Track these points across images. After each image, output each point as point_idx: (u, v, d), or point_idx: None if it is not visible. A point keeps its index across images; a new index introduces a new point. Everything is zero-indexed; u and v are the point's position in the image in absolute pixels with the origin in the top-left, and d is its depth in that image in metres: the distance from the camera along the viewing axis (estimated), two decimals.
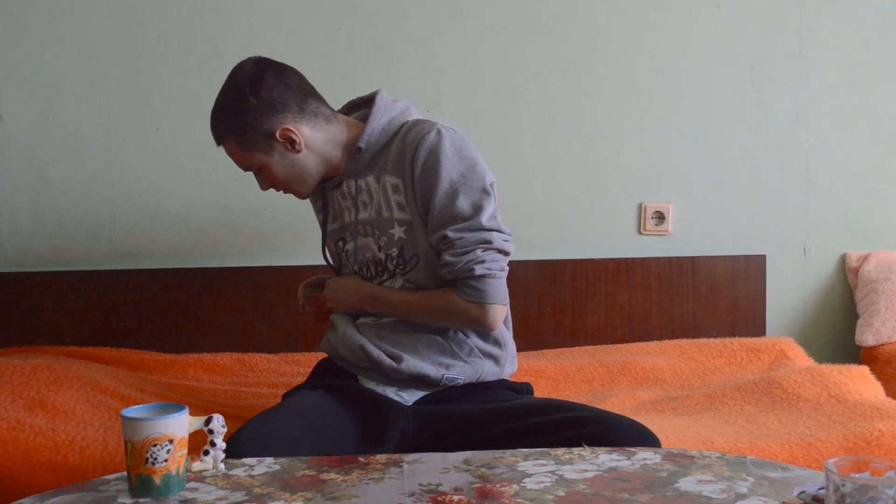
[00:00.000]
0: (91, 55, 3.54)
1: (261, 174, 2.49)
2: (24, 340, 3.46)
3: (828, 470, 1.44)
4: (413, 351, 2.41)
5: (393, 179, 2.40)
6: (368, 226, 2.45)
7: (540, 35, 3.58)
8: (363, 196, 2.46)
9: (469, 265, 2.32)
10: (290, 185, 2.50)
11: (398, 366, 2.38)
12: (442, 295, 2.39)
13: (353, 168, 2.47)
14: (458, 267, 2.33)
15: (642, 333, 3.60)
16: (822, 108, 3.65)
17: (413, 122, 2.44)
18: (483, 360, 2.44)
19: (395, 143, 2.43)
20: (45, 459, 2.55)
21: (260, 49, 3.54)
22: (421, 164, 2.34)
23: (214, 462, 1.85)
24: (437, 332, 2.43)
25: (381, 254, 2.45)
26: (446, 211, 2.33)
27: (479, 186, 2.34)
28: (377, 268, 2.47)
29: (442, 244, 2.35)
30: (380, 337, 2.44)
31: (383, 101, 2.48)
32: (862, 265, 3.62)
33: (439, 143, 2.33)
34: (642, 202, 3.65)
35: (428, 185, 2.34)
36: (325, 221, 2.62)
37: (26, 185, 3.57)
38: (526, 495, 1.72)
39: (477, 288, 2.34)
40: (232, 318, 3.54)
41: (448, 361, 2.41)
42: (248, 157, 2.46)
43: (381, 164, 2.44)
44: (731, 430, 2.68)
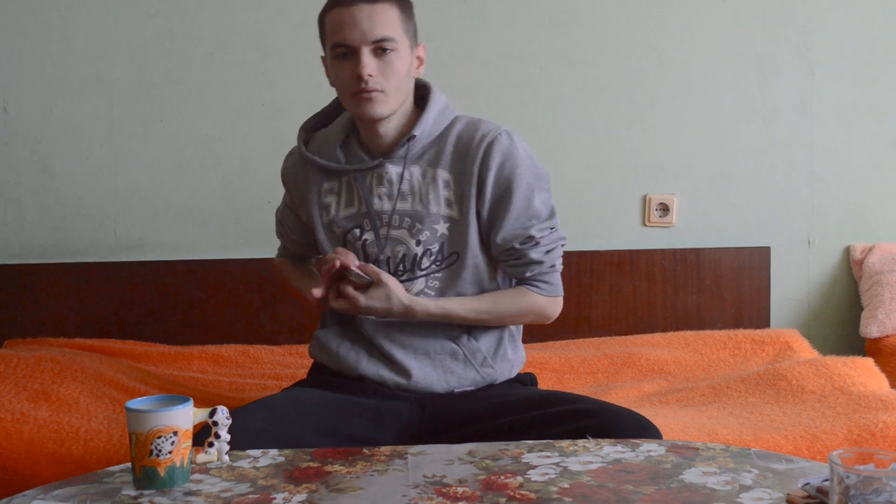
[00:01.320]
0: (96, 48, 3.54)
1: (382, 56, 2.29)
2: (29, 332, 3.47)
3: (832, 462, 1.44)
4: (423, 355, 2.38)
5: (445, 175, 2.37)
6: (408, 217, 2.38)
7: (545, 28, 3.58)
8: (405, 185, 2.38)
9: (553, 262, 2.41)
10: (392, 87, 2.31)
11: (407, 383, 2.36)
12: (520, 295, 2.40)
13: (400, 154, 2.38)
14: (546, 265, 2.39)
15: (647, 325, 3.60)
16: (827, 101, 3.64)
17: (469, 121, 2.42)
18: (495, 369, 2.42)
19: (450, 138, 2.39)
20: (50, 451, 2.56)
21: (265, 43, 3.56)
22: (496, 166, 2.34)
23: (219, 454, 1.85)
24: (450, 338, 2.39)
25: (419, 248, 2.38)
26: (525, 212, 2.37)
27: (547, 186, 2.42)
28: (406, 264, 2.39)
29: (525, 243, 2.37)
30: (389, 337, 2.39)
31: (437, 93, 2.44)
32: (866, 257, 3.62)
33: (512, 146, 2.36)
34: (647, 194, 3.65)
35: (504, 187, 2.35)
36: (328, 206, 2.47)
37: (31, 178, 3.57)
38: (530, 487, 1.72)
39: (552, 283, 2.43)
40: (236, 310, 3.55)
41: (460, 371, 2.39)
42: (395, 27, 2.30)
43: (431, 157, 2.39)
44: (736, 422, 2.68)
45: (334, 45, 2.32)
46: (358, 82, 2.29)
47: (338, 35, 2.30)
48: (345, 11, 2.29)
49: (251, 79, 3.57)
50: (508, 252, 2.38)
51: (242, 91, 3.57)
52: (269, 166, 3.56)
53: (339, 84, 2.36)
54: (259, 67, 3.57)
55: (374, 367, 2.38)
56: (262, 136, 3.57)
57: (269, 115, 3.57)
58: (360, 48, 2.27)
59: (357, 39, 2.27)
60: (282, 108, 3.57)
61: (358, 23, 2.27)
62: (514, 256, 2.38)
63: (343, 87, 2.35)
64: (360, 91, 2.29)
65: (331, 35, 2.33)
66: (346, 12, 2.28)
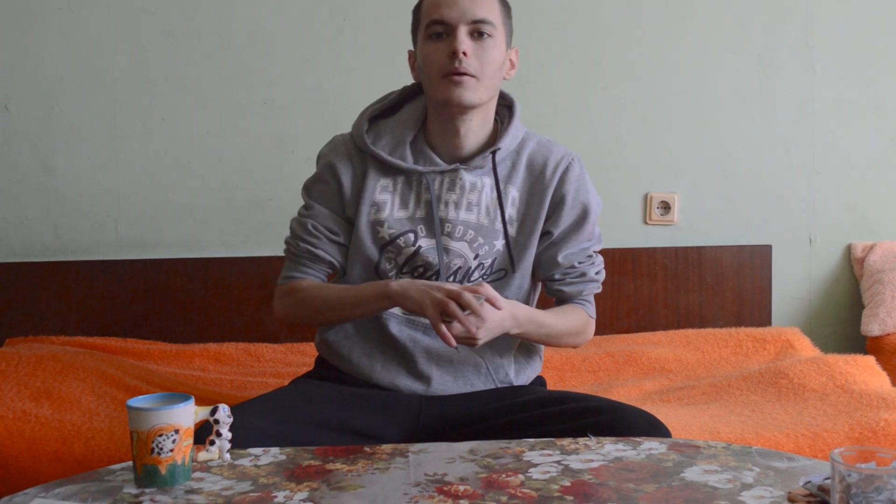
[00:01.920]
0: (96, 46, 3.54)
1: (478, 40, 2.24)
2: (30, 331, 3.47)
3: (834, 460, 1.44)
4: (447, 364, 2.35)
5: (515, 192, 2.36)
6: (472, 230, 2.33)
7: (546, 26, 3.58)
8: (473, 196, 2.33)
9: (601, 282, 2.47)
10: (486, 75, 2.25)
11: (424, 390, 2.33)
12: (577, 313, 2.42)
13: (478, 163, 2.32)
14: (598, 283, 2.46)
15: (648, 323, 3.60)
16: (828, 99, 3.64)
17: (540, 141, 2.42)
18: (513, 383, 2.41)
19: (523, 156, 2.38)
20: (51, 450, 2.56)
21: (265, 41, 3.56)
22: (573, 190, 2.38)
23: (220, 452, 1.85)
24: (477, 351, 2.35)
25: (475, 262, 2.35)
26: (586, 234, 2.41)
27: (599, 212, 2.46)
28: (458, 276, 2.34)
29: (584, 262, 2.42)
30: (414, 341, 2.34)
31: (518, 107, 2.42)
32: (868, 255, 3.61)
33: (584, 172, 2.42)
34: (648, 192, 3.64)
35: (580, 210, 2.39)
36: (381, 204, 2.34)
37: (32, 176, 3.57)
38: (532, 485, 1.72)
39: (593, 303, 2.48)
40: (238, 308, 3.55)
41: (479, 384, 2.37)
42: (496, 15, 2.27)
43: (505, 172, 2.36)
44: (737, 420, 2.68)
45: (430, 22, 2.24)
46: (452, 61, 2.21)
47: (435, 13, 2.24)
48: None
49: (252, 77, 3.57)
50: (568, 270, 2.40)
51: (243, 89, 3.57)
52: (270, 164, 3.58)
53: (428, 67, 2.27)
54: (260, 66, 3.57)
55: (389, 376, 2.35)
56: (263, 134, 3.57)
57: (269, 114, 3.57)
58: (458, 27, 2.22)
59: (455, 17, 2.22)
60: (282, 106, 3.57)
61: (458, 3, 2.22)
62: (573, 274, 2.41)
63: (433, 69, 2.25)
64: (452, 72, 2.22)
65: (427, 15, 2.26)
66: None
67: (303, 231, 2.39)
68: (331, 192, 2.38)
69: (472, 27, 2.22)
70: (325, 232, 2.37)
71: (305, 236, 2.39)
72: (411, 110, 2.39)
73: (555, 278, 2.41)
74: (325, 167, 2.39)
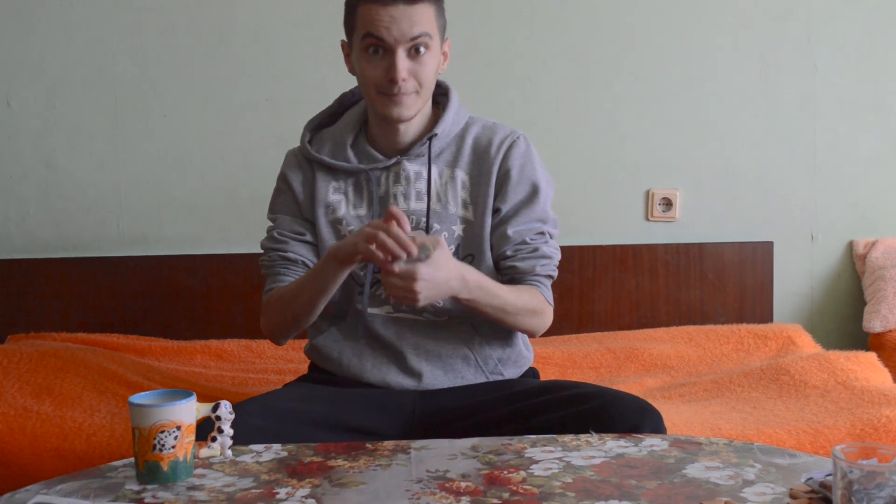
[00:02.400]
0: (99, 43, 3.54)
1: (416, 57, 2.23)
2: (32, 327, 3.47)
3: (835, 456, 1.44)
4: (436, 358, 2.35)
5: (463, 175, 2.36)
6: (425, 218, 2.33)
7: (548, 23, 3.58)
8: (420, 185, 2.35)
9: (556, 265, 2.41)
10: (424, 88, 2.27)
11: (416, 385, 2.33)
12: (533, 292, 2.34)
13: (418, 151, 2.34)
14: (553, 263, 2.39)
15: (649, 320, 3.60)
16: (830, 97, 3.64)
17: (485, 123, 2.42)
18: (504, 374, 2.41)
19: (467, 140, 2.38)
20: (53, 446, 2.56)
21: (266, 39, 3.56)
22: (519, 165, 2.36)
23: (222, 449, 1.85)
24: (463, 342, 2.36)
25: None
26: (542, 213, 2.38)
27: (552, 196, 2.43)
28: None
29: (536, 238, 2.37)
30: (401, 338, 2.35)
31: (454, 93, 2.42)
32: (869, 252, 3.61)
33: (530, 149, 2.40)
34: (650, 189, 3.64)
35: (527, 186, 2.37)
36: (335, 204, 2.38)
37: (34, 173, 3.57)
38: (533, 482, 1.73)
39: (549, 288, 2.40)
40: (239, 304, 3.55)
41: (470, 377, 2.36)
42: (432, 25, 2.24)
43: (450, 157, 2.37)
44: (739, 417, 2.68)
45: (366, 35, 2.23)
46: (391, 85, 2.23)
47: (372, 27, 2.21)
48: (381, 9, 2.20)
49: (254, 74, 3.57)
50: (520, 245, 2.35)
51: (245, 86, 3.57)
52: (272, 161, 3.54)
53: (364, 79, 2.28)
54: (262, 63, 3.57)
55: (380, 374, 2.35)
56: (265, 131, 3.57)
57: (271, 111, 3.57)
58: (396, 48, 2.21)
59: (393, 39, 2.20)
60: (285, 103, 3.56)
61: (396, 22, 2.20)
62: (526, 250, 2.35)
63: (370, 84, 2.27)
64: (391, 94, 2.24)
65: (363, 25, 2.23)
66: (384, 10, 2.20)
67: (270, 242, 2.42)
68: (287, 199, 2.43)
69: (409, 45, 2.22)
70: (290, 235, 2.40)
71: (273, 245, 2.41)
72: (350, 116, 2.45)
73: (507, 255, 2.35)
74: (279, 179, 2.47)
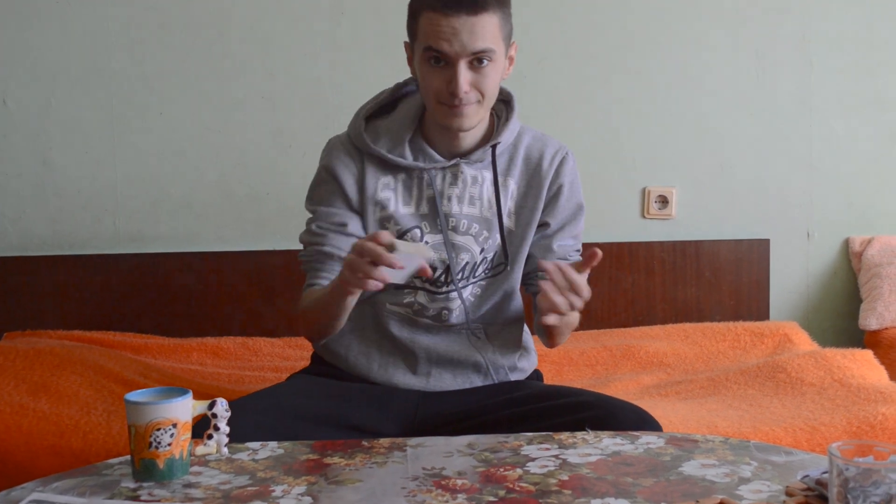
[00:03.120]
0: (95, 40, 3.54)
1: (479, 68, 2.17)
2: (28, 325, 3.46)
3: (831, 454, 1.44)
4: (447, 363, 2.35)
5: (513, 185, 2.35)
6: (476, 223, 2.31)
7: (544, 20, 3.58)
8: (473, 190, 2.31)
9: None
10: (486, 99, 2.21)
11: (424, 386, 2.33)
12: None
13: (478, 157, 2.30)
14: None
15: (646, 318, 3.60)
16: (826, 94, 3.64)
17: (535, 134, 2.41)
18: (510, 380, 2.41)
19: (520, 149, 2.37)
20: (49, 444, 2.56)
21: (263, 35, 3.56)
22: (569, 182, 2.38)
23: (218, 446, 1.85)
24: (478, 350, 2.36)
25: (480, 256, 2.32)
26: (578, 228, 2.42)
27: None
28: (466, 271, 2.32)
29: (575, 255, 2.39)
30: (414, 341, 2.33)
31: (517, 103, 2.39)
32: (865, 249, 3.62)
33: (575, 167, 2.42)
34: (646, 186, 3.64)
35: (575, 203, 2.39)
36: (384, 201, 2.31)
37: (30, 170, 3.57)
38: (530, 479, 1.72)
39: None
40: (235, 302, 3.55)
41: (478, 383, 2.36)
42: (496, 37, 2.17)
43: (504, 165, 2.35)
44: (735, 415, 2.68)
45: (428, 48, 2.15)
46: (452, 97, 2.17)
47: (433, 41, 2.14)
48: (443, 20, 2.13)
49: (250, 71, 3.57)
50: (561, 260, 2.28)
51: (242, 83, 3.57)
52: (269, 158, 3.58)
53: (426, 88, 2.21)
54: (258, 59, 3.57)
55: (386, 374, 2.34)
56: (262, 128, 3.57)
57: (268, 108, 3.57)
58: (458, 61, 2.14)
59: (455, 52, 2.13)
60: (281, 100, 3.56)
61: (458, 35, 2.12)
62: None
63: (430, 93, 2.20)
64: (452, 105, 2.18)
65: (424, 37, 2.17)
66: (446, 21, 2.13)
67: (309, 236, 2.34)
68: (331, 189, 2.32)
69: (472, 58, 2.15)
70: (329, 227, 2.30)
71: (311, 238, 2.33)
72: (407, 108, 2.35)
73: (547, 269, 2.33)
74: (323, 171, 2.35)
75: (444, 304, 2.33)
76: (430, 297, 2.32)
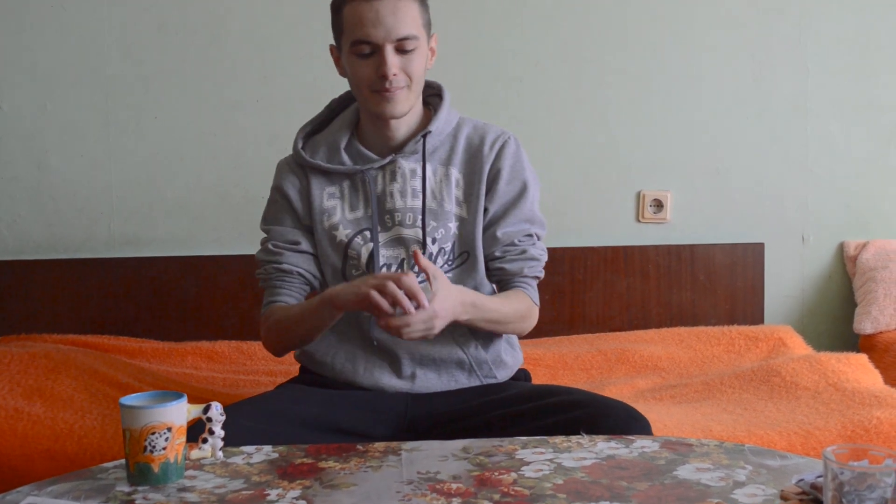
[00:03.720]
0: (90, 43, 3.54)
1: (404, 54, 2.25)
2: (23, 328, 3.46)
3: (826, 458, 1.44)
4: (430, 362, 2.36)
5: (457, 173, 2.37)
6: (421, 215, 2.35)
7: (540, 23, 3.58)
8: (415, 182, 2.35)
9: (543, 266, 2.43)
10: (414, 84, 2.29)
11: (409, 388, 2.35)
12: (520, 297, 2.37)
13: (412, 149, 2.35)
14: (540, 264, 2.41)
15: (640, 321, 3.60)
16: (822, 97, 3.64)
17: (476, 123, 2.43)
18: (497, 377, 2.41)
19: (460, 138, 2.39)
20: (44, 448, 2.56)
21: (260, 38, 3.56)
22: (509, 165, 2.38)
23: (213, 450, 1.85)
24: (459, 346, 2.37)
25: (434, 247, 2.34)
26: (530, 214, 2.40)
27: (538, 196, 2.45)
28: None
29: (524, 240, 2.39)
30: (396, 342, 2.33)
31: (446, 91, 2.43)
32: (860, 253, 3.62)
33: (520, 150, 2.41)
34: (641, 190, 3.65)
35: (517, 186, 2.39)
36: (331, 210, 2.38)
37: (25, 173, 3.57)
38: (524, 483, 1.73)
39: (535, 289, 2.42)
40: (230, 305, 3.55)
41: (463, 380, 2.38)
42: (417, 24, 2.25)
43: (444, 155, 2.38)
44: (730, 419, 2.68)
45: (355, 41, 2.24)
46: (382, 81, 2.24)
47: (359, 31, 2.23)
48: (367, 6, 2.22)
49: (246, 74, 3.57)
50: (508, 247, 2.37)
51: (237, 86, 3.57)
52: (265, 162, 3.55)
53: (356, 80, 2.30)
54: (254, 62, 3.57)
55: (372, 378, 2.35)
56: (257, 131, 3.57)
57: (264, 111, 3.57)
58: (384, 46, 2.23)
59: (381, 37, 2.22)
60: (277, 103, 3.56)
61: (382, 19, 2.22)
62: (514, 252, 2.37)
63: (362, 84, 2.29)
64: (382, 90, 2.25)
65: (350, 30, 2.25)
66: (369, 7, 2.22)
67: (265, 255, 2.43)
68: (282, 209, 2.43)
69: (397, 44, 2.23)
70: (285, 245, 2.40)
71: (268, 257, 2.42)
72: (343, 118, 2.45)
73: (495, 256, 2.38)
74: (273, 191, 2.47)
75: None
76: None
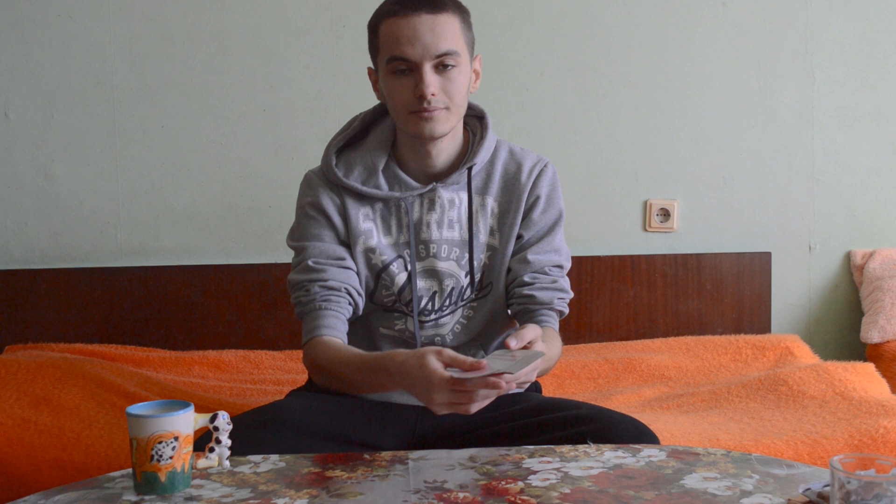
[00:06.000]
0: (96, 53, 3.54)
1: (444, 73, 2.16)
2: (30, 338, 3.47)
3: (833, 467, 1.44)
4: None
5: (492, 203, 2.32)
6: (456, 247, 2.30)
7: (546, 32, 3.58)
8: (453, 213, 2.29)
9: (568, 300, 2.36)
10: (455, 105, 2.19)
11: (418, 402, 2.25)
12: (555, 337, 2.26)
13: (455, 180, 2.28)
14: (568, 298, 2.35)
15: (647, 331, 3.60)
16: (828, 106, 3.64)
17: (512, 149, 2.37)
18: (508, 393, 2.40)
19: (497, 166, 2.33)
20: (51, 457, 2.56)
21: (265, 47, 3.57)
22: (546, 194, 2.33)
23: (220, 459, 1.85)
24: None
25: (466, 279, 2.30)
26: (559, 244, 2.35)
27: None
28: (453, 297, 2.31)
29: (556, 271, 2.34)
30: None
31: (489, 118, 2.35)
32: (867, 262, 3.62)
33: (556, 178, 2.36)
34: (647, 199, 3.65)
35: (552, 214, 2.34)
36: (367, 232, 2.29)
37: (32, 183, 3.57)
38: (531, 492, 1.72)
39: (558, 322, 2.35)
40: (237, 315, 3.55)
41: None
42: (458, 40, 2.17)
43: (480, 184, 2.31)
44: (737, 428, 2.68)
45: (392, 58, 2.17)
46: (420, 101, 2.15)
47: (396, 48, 2.16)
48: (403, 22, 2.15)
49: (252, 83, 3.57)
50: (538, 274, 2.31)
51: (243, 96, 3.57)
52: (270, 171, 3.58)
53: (394, 101, 2.21)
54: (260, 72, 3.57)
55: (383, 395, 2.30)
56: (263, 141, 3.57)
57: (269, 121, 3.57)
58: (422, 64, 2.15)
59: (419, 55, 2.14)
60: (282, 113, 3.57)
61: (420, 36, 2.14)
62: (545, 281, 2.32)
63: (399, 105, 2.20)
64: (421, 110, 2.16)
65: (386, 48, 2.19)
66: (406, 23, 2.14)
67: (304, 273, 2.28)
68: (321, 225, 2.31)
69: (436, 62, 2.15)
70: (328, 262, 2.27)
71: (308, 276, 2.27)
72: (378, 135, 2.34)
73: (525, 281, 2.31)
74: (307, 206, 2.32)
75: (435, 330, 2.33)
76: (420, 324, 2.31)
